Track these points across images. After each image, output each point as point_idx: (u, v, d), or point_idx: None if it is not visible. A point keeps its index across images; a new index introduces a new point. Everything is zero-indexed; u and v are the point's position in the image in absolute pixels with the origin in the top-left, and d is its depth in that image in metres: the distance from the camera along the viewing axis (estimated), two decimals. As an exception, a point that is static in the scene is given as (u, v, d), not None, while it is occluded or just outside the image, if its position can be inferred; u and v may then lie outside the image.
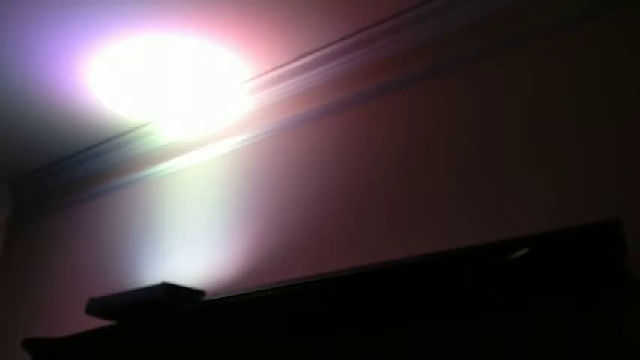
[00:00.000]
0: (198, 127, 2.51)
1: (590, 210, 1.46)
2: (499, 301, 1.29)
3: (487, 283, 1.33)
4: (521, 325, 1.25)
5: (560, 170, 1.57)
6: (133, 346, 1.91)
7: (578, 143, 1.57)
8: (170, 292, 1.89)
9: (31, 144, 2.81)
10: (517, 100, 1.73)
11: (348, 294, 1.54)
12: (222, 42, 2.13)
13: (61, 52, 2.19)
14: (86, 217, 2.84)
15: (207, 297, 1.93)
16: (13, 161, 2.97)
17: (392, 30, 2.02)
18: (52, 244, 2.92)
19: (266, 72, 2.27)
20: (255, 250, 2.11)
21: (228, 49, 2.17)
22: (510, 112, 1.73)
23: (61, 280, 2.74)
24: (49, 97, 2.46)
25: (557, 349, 1.20)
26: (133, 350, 1.90)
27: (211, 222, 2.30)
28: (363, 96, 2.08)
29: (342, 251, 1.88)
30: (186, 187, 2.48)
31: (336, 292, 1.57)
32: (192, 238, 2.33)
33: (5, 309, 2.94)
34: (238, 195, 2.28)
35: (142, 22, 2.04)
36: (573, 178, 1.54)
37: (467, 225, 1.66)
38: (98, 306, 2.02)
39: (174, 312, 1.87)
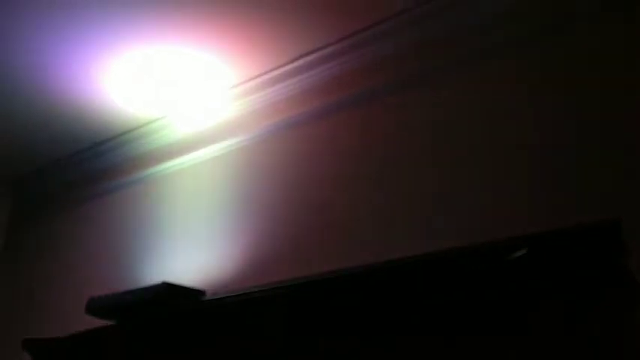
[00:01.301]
0: (196, 129, 2.51)
1: (590, 210, 1.46)
2: (498, 301, 1.29)
3: (486, 283, 1.33)
4: (520, 324, 1.25)
5: (560, 170, 1.57)
6: (133, 346, 1.91)
7: (577, 143, 1.57)
8: (170, 292, 1.89)
9: (31, 144, 2.81)
10: (514, 99, 1.73)
11: (347, 294, 1.54)
12: (211, 49, 2.15)
13: (61, 54, 2.19)
14: (86, 216, 2.84)
15: (207, 297, 1.93)
16: (13, 161, 2.97)
17: (378, 36, 2.03)
18: (52, 243, 2.92)
19: (255, 77, 2.29)
20: (255, 249, 2.11)
21: (217, 55, 2.18)
22: (506, 113, 1.73)
23: (62, 280, 2.74)
24: (49, 99, 2.46)
25: (557, 349, 1.20)
26: (133, 350, 1.90)
27: (211, 222, 2.30)
28: (357, 98, 2.08)
29: (341, 251, 1.88)
30: (186, 187, 2.48)
31: (336, 291, 1.57)
32: (192, 238, 2.33)
33: (5, 309, 2.94)
34: (238, 195, 2.28)
35: (139, 30, 2.06)
36: (573, 178, 1.54)
37: (466, 225, 1.66)
38: (98, 306, 2.02)
39: (174, 312, 1.86)
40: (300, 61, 2.18)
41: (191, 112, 2.51)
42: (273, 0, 1.91)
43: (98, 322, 2.14)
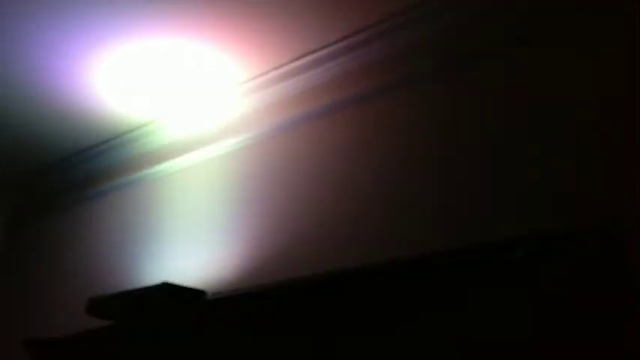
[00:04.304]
0: (197, 128, 2.51)
1: (590, 210, 1.46)
2: (498, 301, 1.29)
3: (486, 283, 1.33)
4: (520, 324, 1.25)
5: (560, 170, 1.57)
6: (133, 346, 1.91)
7: (577, 142, 1.57)
8: (170, 292, 1.89)
9: (31, 144, 2.80)
10: (515, 100, 1.73)
11: (347, 293, 1.54)
12: (220, 45, 2.13)
13: (62, 52, 2.19)
14: (86, 217, 2.84)
15: (207, 297, 1.93)
16: (14, 161, 2.97)
17: (388, 32, 2.02)
18: (52, 244, 2.92)
19: (262, 74, 2.28)
20: (255, 249, 2.11)
21: (225, 52, 2.16)
22: (506, 112, 1.73)
23: (61, 280, 2.74)
24: (49, 98, 2.45)
25: (557, 350, 1.20)
26: (133, 350, 1.90)
27: (211, 222, 2.30)
28: (363, 96, 2.08)
29: (341, 250, 1.88)
30: (186, 187, 2.48)
31: (336, 290, 1.57)
32: (192, 238, 2.33)
33: (5, 309, 2.94)
34: (238, 195, 2.28)
35: (143, 26, 2.04)
36: (573, 178, 1.54)
37: (466, 225, 1.66)
38: (98, 306, 2.02)
39: (174, 312, 1.87)
40: (309, 58, 2.18)
41: (193, 111, 2.50)
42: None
43: (98, 322, 2.14)
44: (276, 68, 2.24)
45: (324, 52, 2.14)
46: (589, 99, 1.60)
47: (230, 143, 2.39)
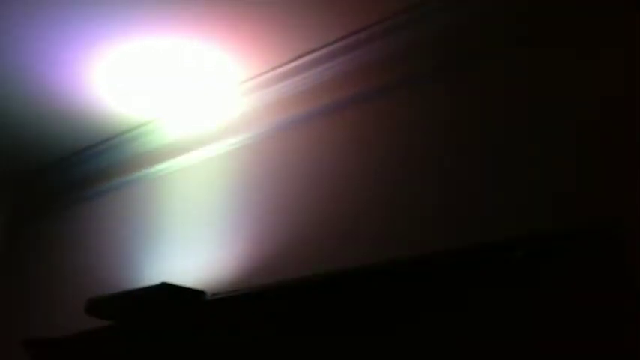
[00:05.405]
0: (197, 128, 2.51)
1: (590, 210, 1.46)
2: (498, 301, 1.29)
3: (486, 283, 1.33)
4: (520, 324, 1.25)
5: (560, 170, 1.57)
6: (133, 346, 1.91)
7: (577, 142, 1.57)
8: (170, 292, 1.89)
9: (30, 144, 2.80)
10: (515, 100, 1.73)
11: (347, 293, 1.54)
12: (220, 45, 2.13)
13: (61, 51, 2.18)
14: (86, 217, 2.83)
15: (207, 297, 1.93)
16: (14, 161, 2.97)
17: (388, 32, 2.02)
18: (52, 243, 2.92)
19: (262, 73, 2.28)
20: (254, 250, 2.11)
21: (225, 52, 2.16)
22: (508, 113, 1.72)
23: (61, 280, 2.74)
24: (49, 98, 2.45)
25: (557, 350, 1.20)
26: (133, 350, 1.90)
27: (211, 222, 2.30)
28: (362, 96, 2.08)
29: (341, 250, 1.88)
30: (186, 187, 2.48)
31: (336, 290, 1.57)
32: (192, 238, 2.33)
33: (5, 309, 2.94)
34: (238, 194, 2.28)
35: (143, 25, 2.04)
36: (573, 178, 1.54)
37: (466, 225, 1.66)
38: (98, 306, 2.02)
39: (174, 312, 1.87)
40: (308, 58, 2.17)
41: (193, 111, 2.50)
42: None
43: (98, 322, 2.14)
44: (275, 68, 2.24)
45: (324, 51, 2.14)
46: (589, 99, 1.59)
47: (230, 143, 2.39)
